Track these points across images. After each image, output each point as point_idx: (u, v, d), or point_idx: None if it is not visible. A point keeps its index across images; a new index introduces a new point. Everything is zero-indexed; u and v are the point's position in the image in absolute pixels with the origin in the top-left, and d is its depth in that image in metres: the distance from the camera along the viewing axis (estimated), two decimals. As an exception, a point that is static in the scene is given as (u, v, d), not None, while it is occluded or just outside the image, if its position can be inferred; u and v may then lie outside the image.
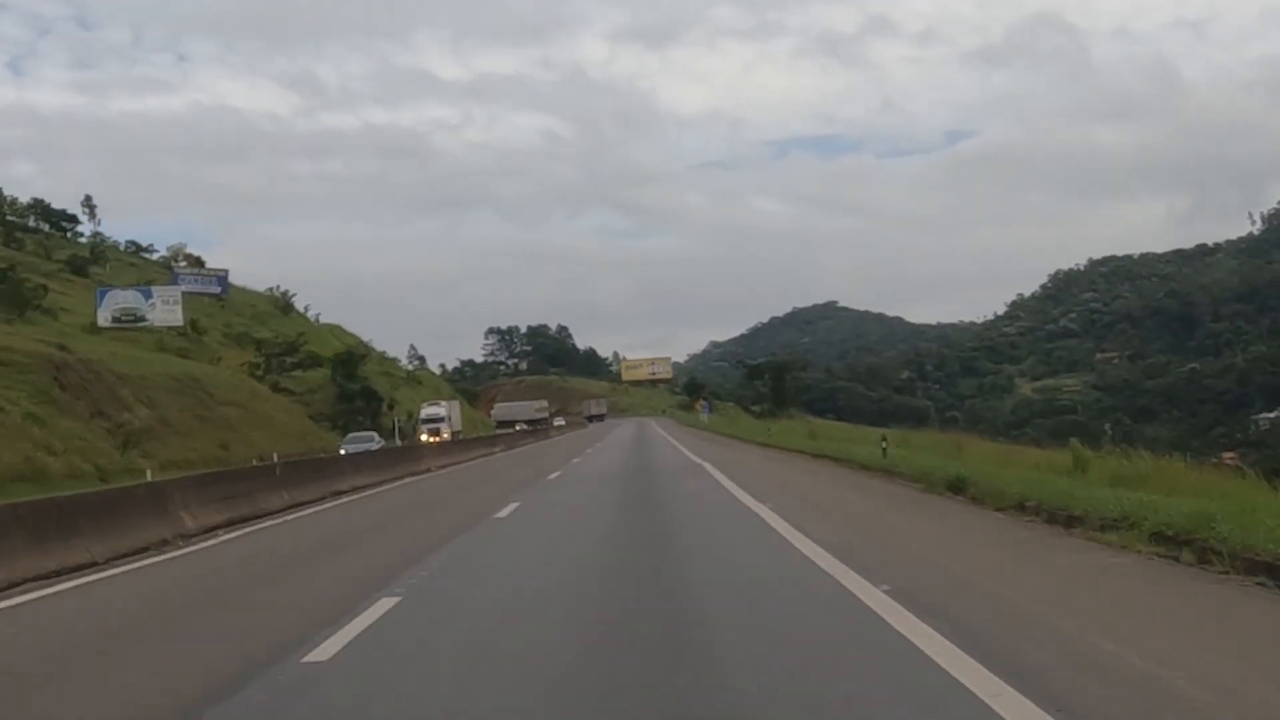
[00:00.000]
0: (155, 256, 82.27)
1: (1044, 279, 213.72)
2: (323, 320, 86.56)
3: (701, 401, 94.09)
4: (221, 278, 79.81)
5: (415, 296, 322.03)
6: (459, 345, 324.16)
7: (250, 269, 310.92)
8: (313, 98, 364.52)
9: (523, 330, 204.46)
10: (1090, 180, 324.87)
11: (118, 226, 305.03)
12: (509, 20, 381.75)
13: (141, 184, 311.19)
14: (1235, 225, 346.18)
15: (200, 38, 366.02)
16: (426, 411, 70.74)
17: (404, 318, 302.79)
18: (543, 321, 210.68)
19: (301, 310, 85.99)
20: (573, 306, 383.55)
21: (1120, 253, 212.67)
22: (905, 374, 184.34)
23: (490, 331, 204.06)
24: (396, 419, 69.24)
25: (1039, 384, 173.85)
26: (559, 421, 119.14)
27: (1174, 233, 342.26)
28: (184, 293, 71.75)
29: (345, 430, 58.61)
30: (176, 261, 78.84)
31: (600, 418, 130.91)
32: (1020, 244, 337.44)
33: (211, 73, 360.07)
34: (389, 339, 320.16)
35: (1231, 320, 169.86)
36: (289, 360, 66.12)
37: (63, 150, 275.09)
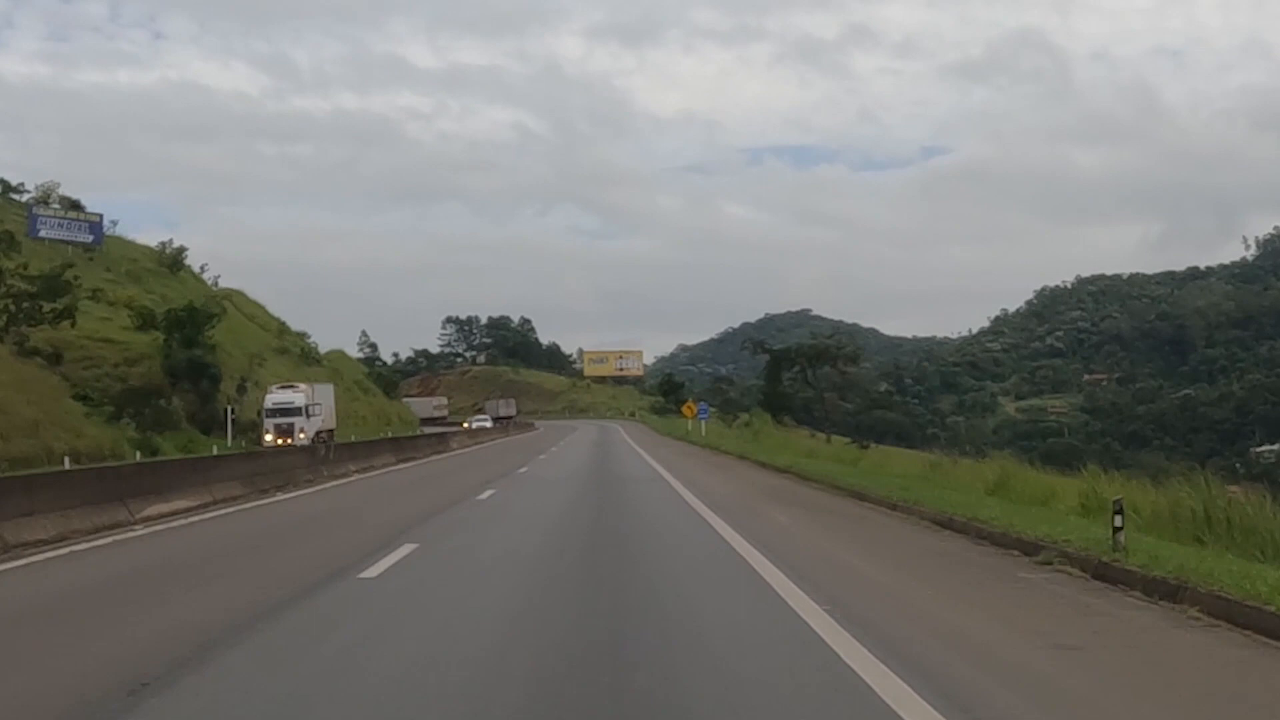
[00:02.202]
0: (25, 198, 70.61)
1: (1017, 297, 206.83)
2: (223, 284, 75.19)
3: (697, 404, 70.49)
4: (95, 225, 66.92)
5: (378, 285, 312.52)
6: (421, 337, 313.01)
7: (214, 250, 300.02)
8: (284, 79, 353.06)
9: (483, 321, 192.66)
10: (1065, 202, 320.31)
11: (92, 205, 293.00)
12: (485, 11, 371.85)
13: (107, 159, 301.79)
14: (1209, 253, 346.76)
15: (176, 14, 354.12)
16: (273, 399, 51.66)
17: (366, 307, 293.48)
18: (505, 314, 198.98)
19: (196, 271, 74.02)
20: (539, 304, 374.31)
21: (1093, 273, 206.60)
22: (884, 386, 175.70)
23: (448, 321, 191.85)
24: (233, 408, 51.28)
25: (1023, 404, 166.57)
26: (479, 422, 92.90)
27: (1148, 257, 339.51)
28: (45, 239, 60.71)
29: (140, 421, 42.50)
30: (46, 203, 66.75)
31: (508, 420, 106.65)
32: (993, 262, 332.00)
33: (184, 50, 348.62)
34: (348, 326, 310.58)
35: (1226, 346, 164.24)
36: (47, 308, 44.68)
37: (28, 121, 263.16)
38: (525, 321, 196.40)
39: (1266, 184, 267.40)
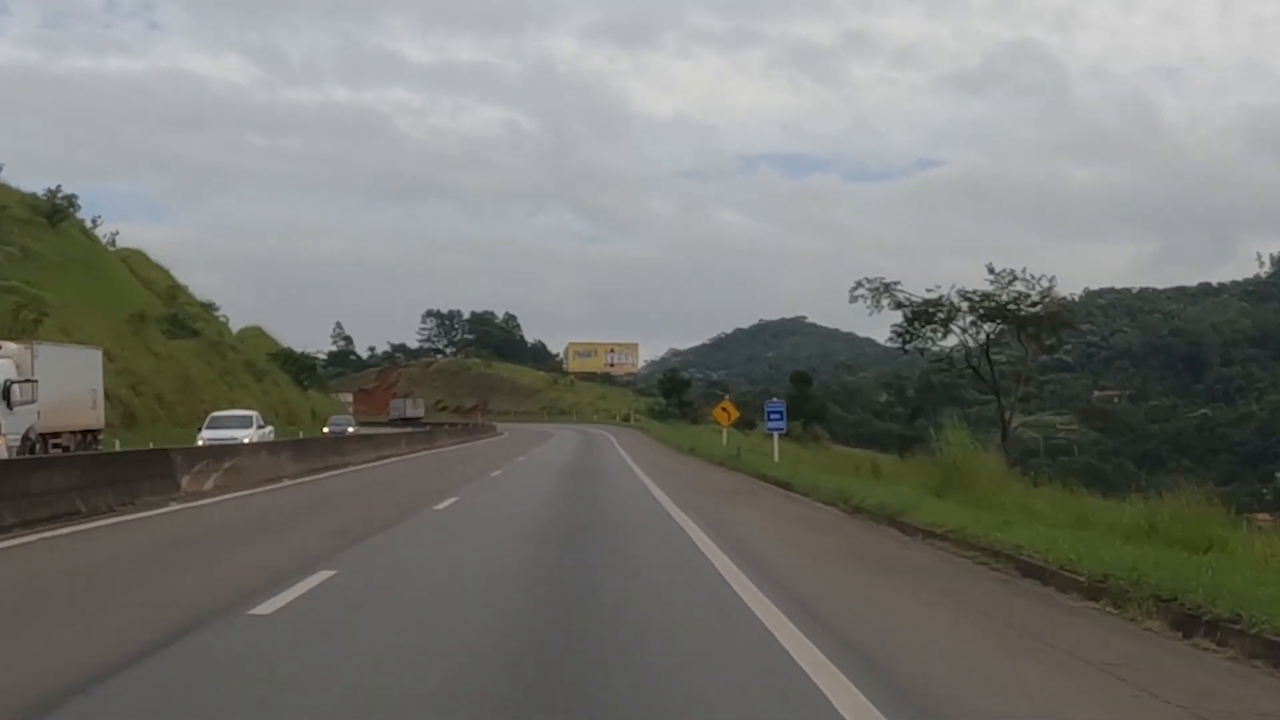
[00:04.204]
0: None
1: None
2: (121, 244, 65.19)
3: (766, 405, 41.49)
4: (-46, 164, 57.96)
5: (365, 281, 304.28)
6: (405, 334, 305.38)
7: (203, 241, 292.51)
8: (275, 71, 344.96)
9: (465, 316, 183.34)
10: (1059, 217, 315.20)
11: (81, 193, 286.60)
12: (480, 7, 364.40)
13: (96, 147, 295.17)
14: (1205, 273, 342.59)
15: (170, 5, 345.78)
16: None
17: (352, 302, 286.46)
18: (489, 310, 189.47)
19: (88, 224, 62.98)
20: (526, 305, 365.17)
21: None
22: (884, 397, 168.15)
23: (428, 315, 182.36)
24: None
25: (1030, 419, 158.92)
26: (337, 426, 58.46)
27: (1143, 275, 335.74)
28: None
29: None
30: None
31: (415, 421, 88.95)
32: (981, 276, 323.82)
33: (176, 40, 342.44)
34: (333, 321, 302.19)
35: (1244, 365, 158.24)
36: None
37: (14, 106, 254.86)
38: (510, 318, 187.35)
39: (1264, 204, 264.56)
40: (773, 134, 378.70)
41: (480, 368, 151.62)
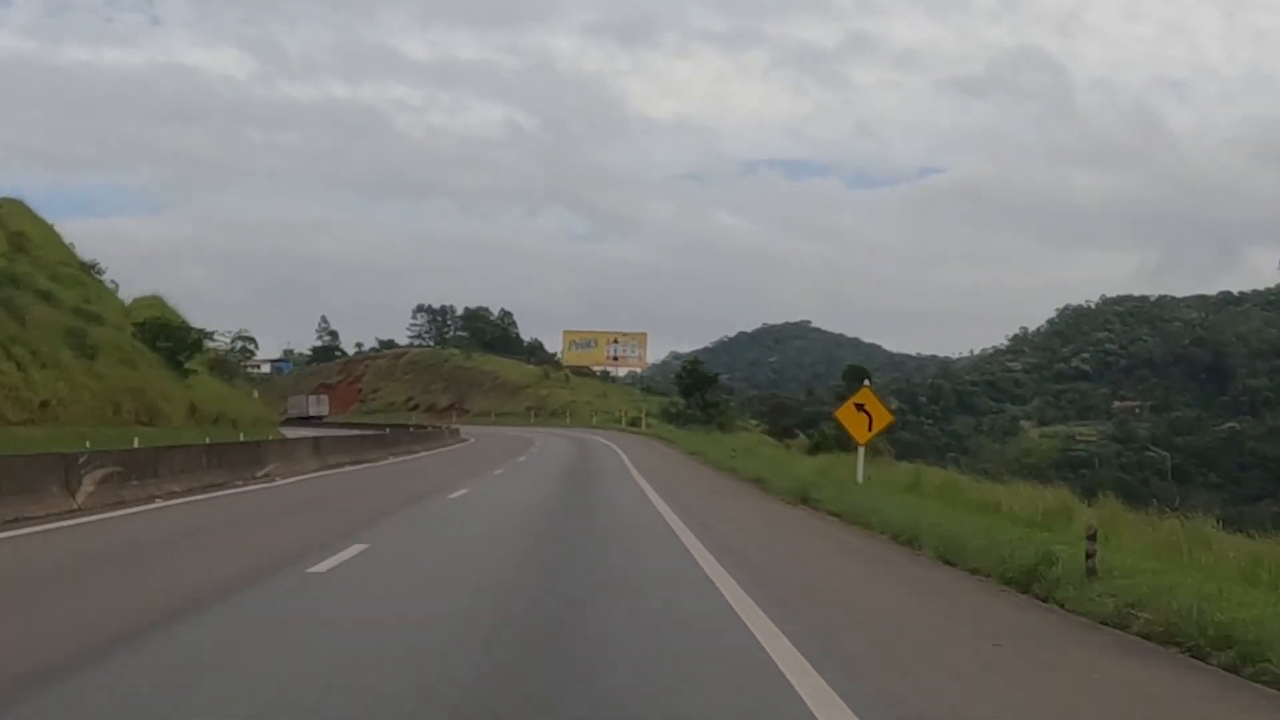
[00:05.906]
0: None
1: (1013, 320, 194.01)
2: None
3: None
4: None
5: (360, 278, 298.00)
6: (396, 332, 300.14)
7: (197, 235, 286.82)
8: (272, 64, 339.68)
9: (458, 312, 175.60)
10: (1061, 224, 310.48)
11: (75, 185, 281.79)
12: (479, 3, 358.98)
13: (90, 138, 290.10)
14: (1207, 283, 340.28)
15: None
16: None
17: (347, 299, 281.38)
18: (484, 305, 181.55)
19: None
20: (524, 305, 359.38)
21: (1090, 297, 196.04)
22: (894, 404, 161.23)
23: (419, 310, 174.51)
24: None
25: (1048, 429, 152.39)
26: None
27: (1144, 284, 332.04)
28: None
29: None
30: None
31: (317, 420, 76.35)
32: (986, 282, 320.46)
33: (173, 32, 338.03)
34: (316, 317, 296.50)
35: (1271, 376, 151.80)
36: None
37: (8, 96, 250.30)
38: (505, 314, 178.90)
39: (1268, 215, 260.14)
40: (774, 138, 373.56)
41: (459, 360, 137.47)
